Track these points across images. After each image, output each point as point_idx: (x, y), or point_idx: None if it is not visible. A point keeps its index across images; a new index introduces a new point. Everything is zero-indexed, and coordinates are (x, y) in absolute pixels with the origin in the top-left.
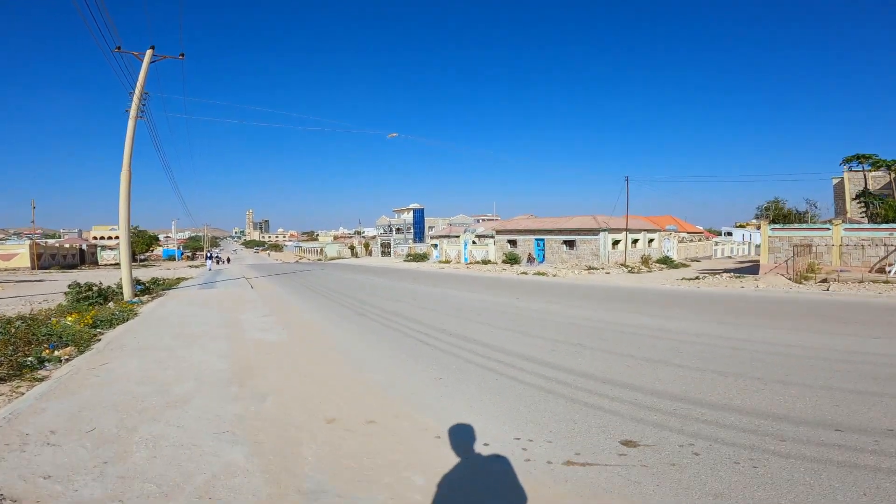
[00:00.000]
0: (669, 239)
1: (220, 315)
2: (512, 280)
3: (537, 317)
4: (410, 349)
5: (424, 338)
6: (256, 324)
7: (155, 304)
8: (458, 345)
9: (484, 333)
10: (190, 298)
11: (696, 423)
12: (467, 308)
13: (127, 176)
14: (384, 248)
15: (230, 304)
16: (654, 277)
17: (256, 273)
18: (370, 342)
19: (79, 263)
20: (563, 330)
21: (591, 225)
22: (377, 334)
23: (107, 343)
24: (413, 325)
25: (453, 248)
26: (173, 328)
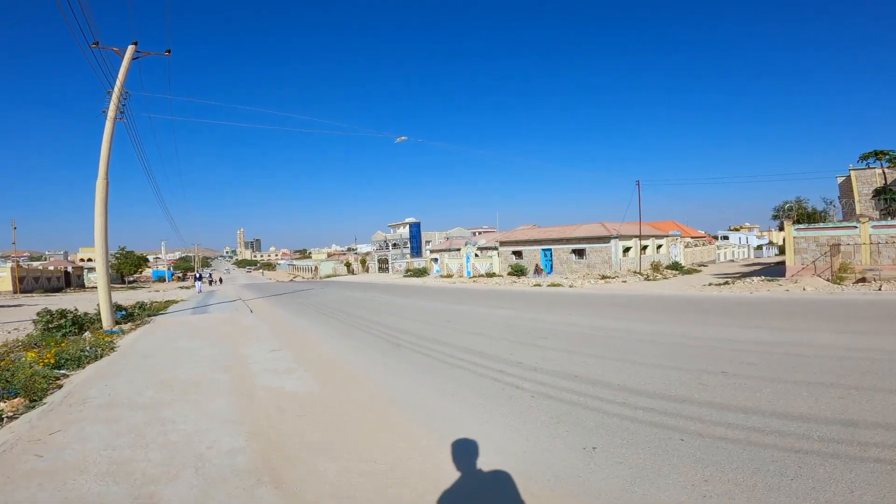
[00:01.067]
0: (676, 244)
1: (218, 349)
2: (530, 293)
3: (608, 335)
4: (506, 400)
5: (507, 377)
6: (268, 362)
7: (138, 333)
8: (564, 387)
9: (578, 364)
10: (180, 326)
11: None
12: (518, 329)
13: (103, 185)
14: (381, 264)
15: (229, 333)
16: (673, 284)
17: (253, 294)
18: (435, 387)
19: (64, 286)
20: (667, 353)
21: (601, 232)
22: (435, 374)
23: (67, 394)
24: (472, 358)
25: (455, 262)
26: (158, 371)
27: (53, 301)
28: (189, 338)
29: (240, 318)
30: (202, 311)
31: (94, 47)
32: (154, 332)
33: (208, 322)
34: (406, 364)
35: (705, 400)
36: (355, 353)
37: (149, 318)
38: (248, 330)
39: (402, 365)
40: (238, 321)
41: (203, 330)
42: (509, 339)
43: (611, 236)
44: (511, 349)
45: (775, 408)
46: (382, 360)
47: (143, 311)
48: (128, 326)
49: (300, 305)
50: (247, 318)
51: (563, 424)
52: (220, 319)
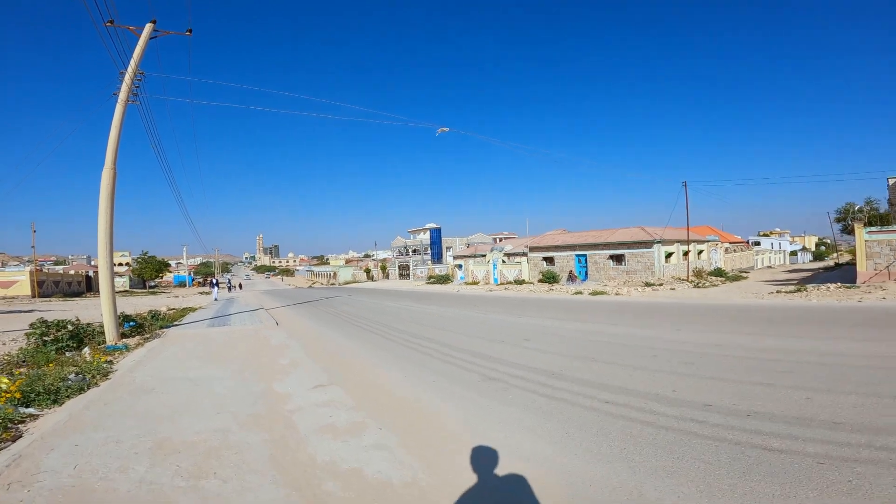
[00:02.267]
0: (716, 250)
1: (242, 382)
2: (579, 302)
3: (731, 355)
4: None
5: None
6: (318, 409)
7: (144, 352)
8: (805, 437)
9: (778, 402)
10: (194, 343)
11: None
12: (620, 347)
13: (110, 176)
14: (402, 271)
15: (254, 354)
16: (725, 291)
17: (275, 301)
18: (650, 469)
19: (85, 291)
20: (843, 376)
21: (642, 237)
22: (599, 433)
23: (12, 459)
24: (630, 401)
25: (481, 268)
26: (156, 419)
27: (69, 307)
28: (204, 360)
29: (265, 333)
30: (221, 322)
31: (108, 25)
32: (162, 351)
33: (228, 337)
34: (532, 416)
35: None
36: (439, 394)
37: (161, 329)
38: (278, 350)
39: (527, 417)
40: (264, 337)
41: (222, 349)
42: (638, 366)
43: (653, 241)
44: (667, 382)
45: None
46: (488, 405)
47: (156, 322)
48: (134, 341)
49: (330, 316)
50: (274, 333)
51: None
52: (242, 334)
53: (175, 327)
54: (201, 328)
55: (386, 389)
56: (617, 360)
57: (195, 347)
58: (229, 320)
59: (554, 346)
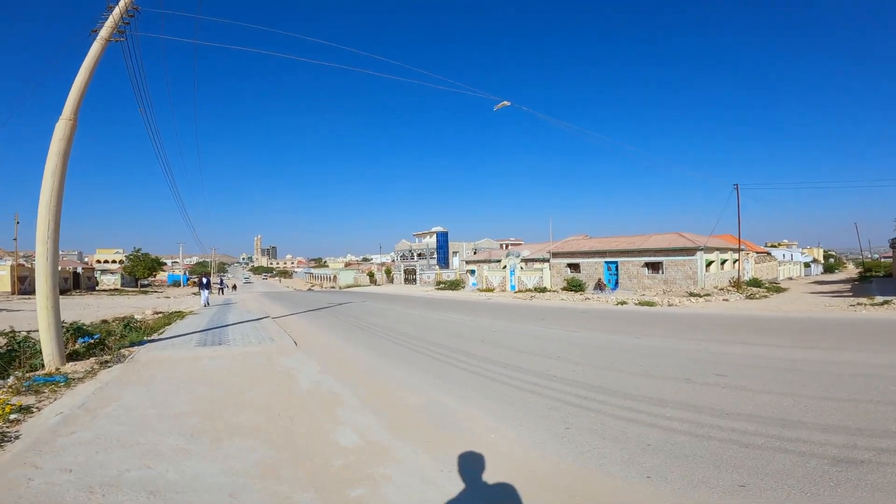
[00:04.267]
0: (748, 260)
1: (269, 497)
2: (633, 313)
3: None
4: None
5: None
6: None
7: (89, 392)
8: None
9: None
10: (173, 384)
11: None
12: (755, 369)
13: (67, 129)
14: (408, 275)
15: (280, 416)
16: (786, 303)
17: (281, 306)
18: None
19: (71, 288)
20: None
21: (682, 244)
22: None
23: None
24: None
25: (496, 274)
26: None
27: None
28: (186, 432)
29: (284, 362)
30: (217, 337)
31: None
32: (119, 396)
33: (227, 370)
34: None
35: None
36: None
37: (132, 347)
38: (317, 403)
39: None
40: (284, 369)
41: (219, 401)
42: (830, 397)
43: (696, 248)
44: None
45: None
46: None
47: (129, 334)
48: (85, 366)
49: (357, 329)
50: (296, 361)
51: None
52: (249, 363)
53: (152, 344)
54: (187, 348)
55: None
56: (792, 390)
57: (174, 392)
58: (227, 335)
59: (701, 374)
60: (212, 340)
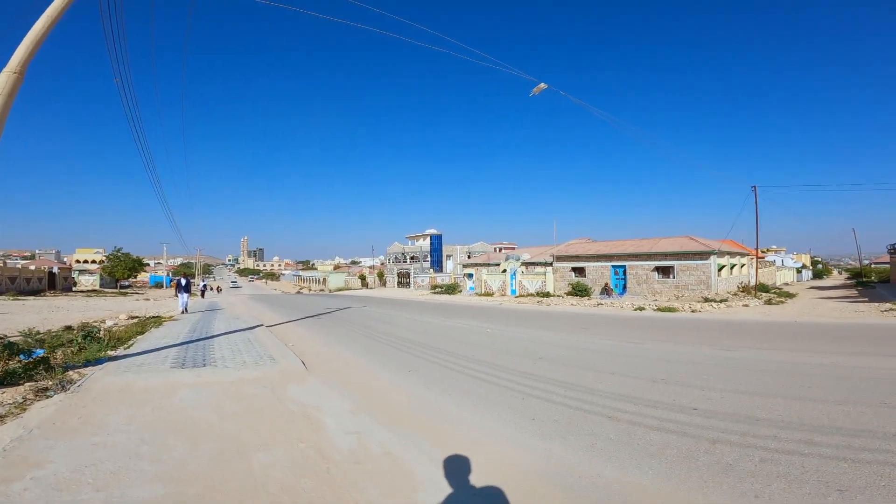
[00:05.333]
0: (753, 265)
1: None
2: (657, 320)
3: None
4: None
5: None
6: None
7: (1, 447)
8: None
9: None
10: (133, 434)
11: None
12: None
13: (11, 81)
14: (401, 278)
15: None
16: (808, 309)
17: (273, 311)
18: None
19: (46, 289)
20: None
21: (695, 247)
22: None
23: None
24: None
25: (496, 278)
26: None
27: (9, 308)
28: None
29: (293, 392)
30: (200, 355)
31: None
32: (42, 460)
33: (218, 408)
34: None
35: None
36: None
37: (86, 367)
38: (366, 473)
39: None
40: (296, 404)
41: (207, 464)
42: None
43: (709, 252)
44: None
45: None
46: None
47: (88, 347)
48: (13, 399)
49: (374, 341)
50: (310, 392)
51: None
52: (246, 396)
53: (114, 364)
54: (160, 370)
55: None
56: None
57: (133, 454)
58: (213, 350)
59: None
60: (193, 359)
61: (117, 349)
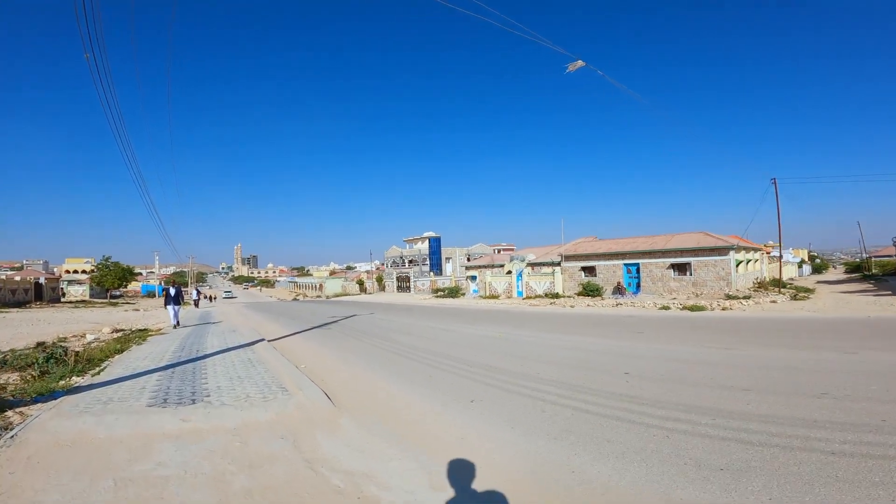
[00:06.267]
0: (764, 260)
1: None
2: (689, 319)
3: None
4: None
5: None
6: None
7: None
8: None
9: None
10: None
11: None
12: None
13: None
14: (401, 283)
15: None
16: (831, 305)
17: (271, 321)
18: None
19: (32, 300)
20: None
21: (713, 243)
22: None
23: None
24: None
25: (501, 280)
26: None
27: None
28: None
29: (325, 449)
30: (189, 384)
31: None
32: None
33: (215, 480)
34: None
35: None
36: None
37: (35, 404)
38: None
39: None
40: (335, 472)
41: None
42: None
43: (728, 247)
44: None
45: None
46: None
47: (53, 369)
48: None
49: (404, 358)
50: (350, 446)
51: None
52: (256, 457)
53: (74, 397)
54: (132, 413)
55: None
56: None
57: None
58: (206, 376)
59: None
60: (179, 391)
61: (84, 375)
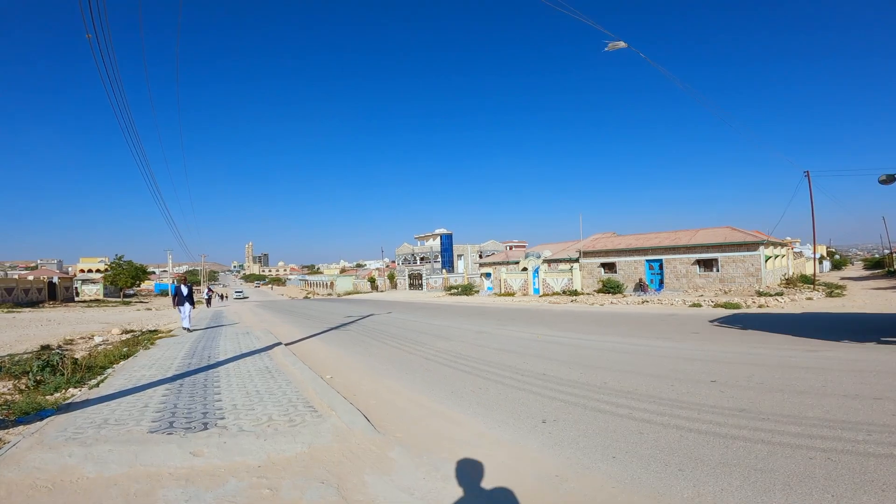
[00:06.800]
0: (789, 256)
1: None
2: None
3: None
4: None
5: None
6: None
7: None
8: None
9: None
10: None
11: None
12: None
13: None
14: (412, 280)
15: None
16: (868, 300)
17: (284, 320)
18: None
19: (45, 300)
20: None
21: (740, 238)
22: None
23: None
24: None
25: (516, 277)
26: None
27: (1, 324)
28: None
29: (381, 501)
30: (200, 402)
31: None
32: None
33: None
34: None
35: None
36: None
37: (17, 426)
38: None
39: None
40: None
41: None
42: None
43: (758, 242)
44: None
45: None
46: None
47: (48, 378)
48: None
49: (447, 367)
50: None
51: None
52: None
53: (61, 419)
54: (130, 443)
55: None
56: None
57: None
58: (220, 391)
59: None
60: (188, 411)
61: (82, 386)
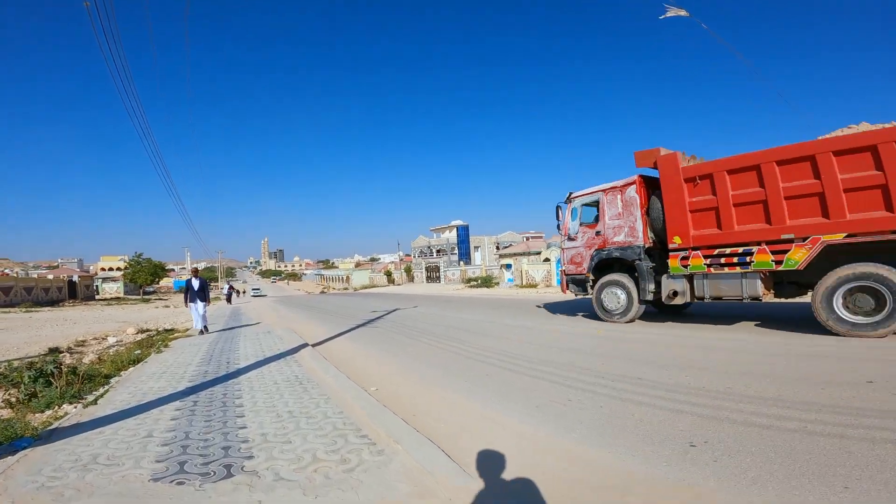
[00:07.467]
0: None
1: None
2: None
3: None
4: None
5: None
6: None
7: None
8: None
9: None
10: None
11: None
12: None
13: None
14: (430, 273)
15: None
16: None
17: (306, 317)
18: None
19: (65, 298)
20: None
21: None
22: None
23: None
24: None
25: (538, 268)
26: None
27: (13, 323)
28: None
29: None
30: (219, 434)
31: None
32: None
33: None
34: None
35: None
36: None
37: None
38: None
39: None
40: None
41: None
42: None
43: None
44: None
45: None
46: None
47: (44, 391)
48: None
49: (505, 371)
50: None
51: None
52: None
53: (38, 454)
54: (119, 500)
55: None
56: None
57: None
58: (243, 412)
59: None
60: (204, 447)
61: (79, 401)
